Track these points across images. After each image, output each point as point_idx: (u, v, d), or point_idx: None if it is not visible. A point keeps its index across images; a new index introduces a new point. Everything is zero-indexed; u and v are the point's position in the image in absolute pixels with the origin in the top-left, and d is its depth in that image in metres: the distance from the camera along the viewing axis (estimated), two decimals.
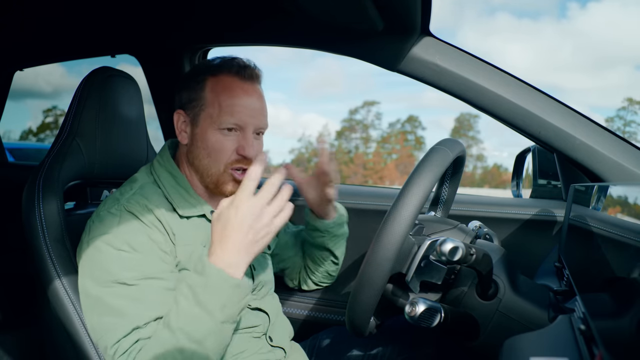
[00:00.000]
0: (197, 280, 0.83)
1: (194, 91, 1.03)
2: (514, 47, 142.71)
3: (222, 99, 1.00)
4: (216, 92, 1.01)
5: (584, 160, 1.20)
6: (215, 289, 0.82)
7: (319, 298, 1.54)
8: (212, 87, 1.02)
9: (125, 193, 1.00)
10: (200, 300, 0.82)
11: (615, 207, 0.71)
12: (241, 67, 1.03)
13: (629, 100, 49.85)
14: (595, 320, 0.59)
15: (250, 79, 1.04)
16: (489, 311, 0.91)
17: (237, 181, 1.03)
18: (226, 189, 1.03)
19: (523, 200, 1.55)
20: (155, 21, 1.60)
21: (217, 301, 0.82)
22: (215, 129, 1.01)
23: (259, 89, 1.06)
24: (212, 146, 1.01)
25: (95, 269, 0.91)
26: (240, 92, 1.02)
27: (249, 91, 1.03)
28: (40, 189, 1.02)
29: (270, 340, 1.10)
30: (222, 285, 0.82)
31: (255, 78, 1.05)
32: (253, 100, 1.03)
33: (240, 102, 1.01)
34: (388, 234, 0.78)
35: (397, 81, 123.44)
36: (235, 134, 1.02)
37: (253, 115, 1.02)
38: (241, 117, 1.01)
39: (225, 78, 1.02)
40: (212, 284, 0.82)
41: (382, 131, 60.32)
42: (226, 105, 1.00)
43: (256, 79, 1.06)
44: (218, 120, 1.00)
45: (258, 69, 1.06)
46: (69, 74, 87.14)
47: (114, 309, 0.88)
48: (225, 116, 1.00)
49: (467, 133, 56.38)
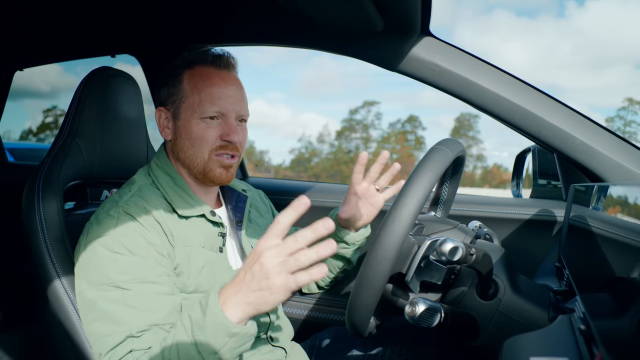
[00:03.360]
0: (198, 317, 0.80)
1: (172, 86, 1.05)
2: (512, 46, 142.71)
3: (201, 88, 1.02)
4: (194, 82, 1.03)
5: (584, 160, 1.20)
6: (211, 334, 0.78)
7: (319, 298, 1.54)
8: (190, 78, 1.03)
9: (124, 195, 1.00)
10: (196, 340, 0.80)
11: (615, 207, 0.71)
12: (215, 57, 1.05)
13: (629, 100, 49.84)
14: (595, 320, 0.59)
15: (227, 67, 1.06)
16: (489, 311, 0.91)
17: (224, 166, 1.04)
18: (214, 174, 1.04)
19: (523, 200, 1.55)
20: (155, 21, 1.60)
21: (212, 347, 0.79)
22: (197, 118, 1.02)
23: (236, 76, 1.08)
24: (196, 135, 1.02)
25: (91, 271, 0.91)
26: (217, 79, 1.03)
27: (226, 79, 1.04)
28: (40, 189, 1.02)
29: (271, 340, 1.10)
30: (218, 332, 0.78)
31: (230, 66, 1.07)
32: (231, 87, 1.04)
33: (219, 90, 1.02)
34: (388, 234, 0.78)
35: (395, 81, 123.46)
36: (218, 121, 1.03)
37: (233, 102, 1.04)
38: (222, 104, 1.02)
39: (201, 69, 1.04)
40: (210, 327, 0.78)
41: (382, 131, 60.36)
42: (205, 94, 1.01)
43: (232, 67, 1.07)
44: (199, 110, 1.01)
45: (232, 57, 1.08)
46: (65, 73, 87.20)
47: (108, 314, 0.88)
48: (206, 105, 1.01)
49: (467, 133, 56.37)
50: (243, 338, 0.80)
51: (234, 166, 1.07)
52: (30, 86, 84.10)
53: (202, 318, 0.79)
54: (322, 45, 1.39)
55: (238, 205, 1.16)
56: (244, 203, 1.17)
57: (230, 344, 0.79)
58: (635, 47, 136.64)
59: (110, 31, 1.67)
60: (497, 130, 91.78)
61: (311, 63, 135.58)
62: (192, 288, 0.98)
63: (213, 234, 1.05)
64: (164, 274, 0.93)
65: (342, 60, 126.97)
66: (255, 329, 0.82)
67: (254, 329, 0.81)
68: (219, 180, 1.06)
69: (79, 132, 1.11)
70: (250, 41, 1.50)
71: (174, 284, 0.95)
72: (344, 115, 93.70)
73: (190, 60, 1.05)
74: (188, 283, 0.98)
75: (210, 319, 0.78)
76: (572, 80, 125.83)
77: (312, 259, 0.72)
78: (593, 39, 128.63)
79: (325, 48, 1.40)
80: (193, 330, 0.80)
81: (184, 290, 0.97)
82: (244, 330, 0.79)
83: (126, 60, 1.83)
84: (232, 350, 0.80)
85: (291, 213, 0.74)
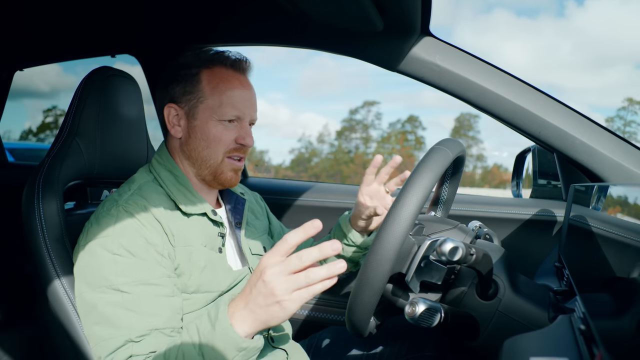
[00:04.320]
0: (206, 329, 0.80)
1: (189, 84, 1.04)
2: (512, 45, 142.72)
3: (222, 91, 1.03)
4: (214, 84, 1.03)
5: (584, 160, 1.20)
6: (220, 347, 0.78)
7: (319, 298, 1.54)
8: (209, 79, 1.03)
9: (124, 194, 0.99)
10: (203, 352, 0.79)
11: (615, 207, 0.71)
12: (235, 61, 1.06)
13: (629, 100, 49.86)
14: (595, 320, 0.59)
15: (244, 72, 1.07)
16: (489, 311, 0.91)
17: (235, 169, 1.06)
18: (225, 177, 1.06)
19: (523, 200, 1.55)
20: (155, 21, 1.60)
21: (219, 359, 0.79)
22: (216, 120, 1.03)
23: (250, 81, 1.09)
24: (213, 137, 1.03)
25: (90, 273, 0.91)
26: (237, 83, 1.04)
27: (244, 83, 1.06)
28: (40, 189, 1.02)
29: (272, 341, 1.10)
30: (227, 346, 0.77)
31: (248, 71, 1.08)
32: (249, 92, 1.06)
33: (240, 94, 1.04)
34: (388, 234, 0.78)
35: (395, 81, 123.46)
36: (234, 124, 1.04)
37: (250, 106, 1.06)
38: (241, 109, 1.04)
39: (220, 70, 1.04)
40: (219, 341, 0.78)
41: (382, 131, 60.35)
42: (227, 97, 1.02)
43: (249, 72, 1.09)
44: (219, 112, 1.02)
45: (249, 61, 1.09)
46: (65, 73, 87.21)
47: (108, 318, 0.87)
48: (226, 108, 1.02)
49: (467, 133, 56.37)
50: (251, 352, 0.80)
51: (241, 169, 1.09)
52: (30, 86, 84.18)
53: (211, 331, 0.79)
54: (322, 45, 1.40)
55: (236, 207, 1.16)
56: (243, 205, 1.17)
57: (238, 357, 0.79)
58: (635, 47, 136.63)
59: (110, 31, 1.67)
60: (497, 130, 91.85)
61: (311, 63, 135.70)
62: (194, 288, 0.98)
63: (213, 233, 1.05)
64: (164, 275, 0.93)
65: (341, 60, 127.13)
66: (262, 342, 0.82)
67: (261, 342, 0.81)
68: (228, 183, 1.07)
69: (79, 132, 1.11)
70: (250, 41, 1.50)
71: (174, 285, 0.95)
72: (344, 115, 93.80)
73: (208, 60, 1.05)
74: (189, 283, 0.97)
75: (219, 333, 0.78)
76: (572, 80, 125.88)
77: (322, 277, 0.73)
78: (593, 39, 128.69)
79: (325, 48, 1.40)
80: (200, 341, 0.80)
81: (185, 291, 0.97)
82: (252, 344, 0.79)
83: (126, 60, 1.83)
84: None
85: (300, 234, 0.74)
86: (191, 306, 0.97)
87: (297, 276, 0.73)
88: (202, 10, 1.48)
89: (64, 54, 1.89)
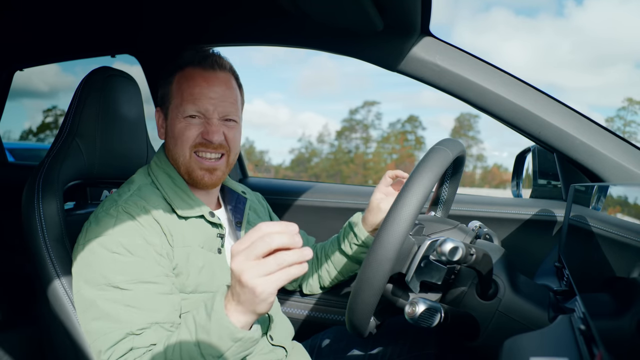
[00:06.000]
0: (202, 319, 0.80)
1: (165, 87, 1.08)
2: (511, 45, 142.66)
3: (184, 89, 1.04)
4: (180, 84, 1.05)
5: (584, 160, 1.20)
6: (216, 337, 0.78)
7: (319, 298, 1.54)
8: (178, 80, 1.06)
9: (123, 194, 1.00)
10: (199, 342, 0.80)
11: (615, 207, 0.71)
12: (202, 58, 1.07)
13: (629, 100, 49.87)
14: (595, 320, 0.59)
15: (212, 67, 1.06)
16: (489, 311, 0.91)
17: (206, 168, 1.05)
18: (196, 176, 1.05)
19: (523, 200, 1.55)
20: (154, 21, 1.60)
21: (215, 350, 0.79)
22: (180, 117, 1.04)
23: (224, 76, 1.08)
24: (178, 133, 1.04)
25: (89, 271, 0.91)
26: (200, 80, 1.04)
27: (209, 79, 1.05)
28: (40, 189, 1.02)
29: (271, 339, 1.10)
30: (223, 336, 0.78)
31: (217, 66, 1.07)
32: (214, 87, 1.05)
33: (201, 91, 1.04)
34: (388, 234, 0.78)
35: (395, 81, 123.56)
36: (200, 120, 1.04)
37: (214, 102, 1.04)
38: (202, 104, 1.04)
39: (189, 70, 1.06)
40: (215, 331, 0.78)
41: (382, 131, 60.34)
42: (187, 95, 1.04)
43: (219, 67, 1.07)
44: (181, 109, 1.04)
45: (220, 57, 1.09)
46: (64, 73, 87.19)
47: (108, 313, 0.87)
48: (187, 104, 1.03)
49: (467, 133, 56.40)
50: (247, 343, 0.80)
51: (219, 169, 1.07)
52: (30, 86, 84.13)
53: (207, 321, 0.79)
54: (322, 45, 1.39)
55: (237, 207, 1.16)
56: (244, 205, 1.17)
57: (234, 348, 0.79)
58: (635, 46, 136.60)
59: (110, 31, 1.67)
60: (497, 130, 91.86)
61: (309, 63, 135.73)
62: (192, 288, 0.98)
63: (212, 235, 1.05)
64: (163, 274, 0.93)
65: (341, 60, 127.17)
66: (260, 334, 0.82)
67: (258, 334, 0.81)
68: (203, 184, 1.06)
69: (79, 132, 1.11)
70: (250, 41, 1.50)
71: (172, 284, 0.95)
72: (344, 115, 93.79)
73: (181, 63, 1.07)
74: (187, 283, 0.98)
75: (215, 323, 0.78)
76: (571, 80, 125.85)
77: (294, 260, 0.71)
78: (592, 38, 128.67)
79: (325, 48, 1.40)
80: (197, 332, 0.80)
81: (183, 291, 0.97)
82: (247, 335, 0.79)
83: (126, 60, 1.83)
84: (236, 355, 0.80)
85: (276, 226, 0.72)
86: (189, 306, 0.97)
87: (266, 260, 0.71)
88: (202, 10, 1.48)
89: (64, 54, 1.89)
